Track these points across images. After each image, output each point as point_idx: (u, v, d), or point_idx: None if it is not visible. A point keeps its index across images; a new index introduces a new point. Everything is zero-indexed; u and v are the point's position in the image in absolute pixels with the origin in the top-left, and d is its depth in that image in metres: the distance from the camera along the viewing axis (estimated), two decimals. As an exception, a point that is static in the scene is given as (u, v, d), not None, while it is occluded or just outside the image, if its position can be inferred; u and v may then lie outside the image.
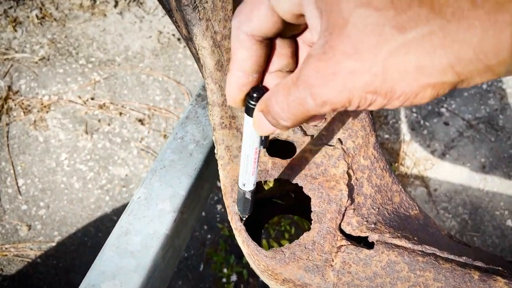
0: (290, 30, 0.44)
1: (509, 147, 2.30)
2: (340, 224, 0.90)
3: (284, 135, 0.97)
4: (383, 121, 2.34)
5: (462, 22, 0.30)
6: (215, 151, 0.98)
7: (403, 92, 0.34)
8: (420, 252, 0.86)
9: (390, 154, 2.26)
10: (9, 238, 2.08)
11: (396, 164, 2.23)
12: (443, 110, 2.39)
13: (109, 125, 2.34)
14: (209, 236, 2.09)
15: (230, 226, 2.10)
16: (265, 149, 0.96)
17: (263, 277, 0.99)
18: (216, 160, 1.20)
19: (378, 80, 0.34)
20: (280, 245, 2.05)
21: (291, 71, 0.47)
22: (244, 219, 0.90)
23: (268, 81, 0.47)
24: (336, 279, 0.86)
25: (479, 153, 2.29)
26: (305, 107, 0.38)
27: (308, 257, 0.88)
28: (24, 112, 2.35)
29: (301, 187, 0.92)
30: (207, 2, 0.97)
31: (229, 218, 0.94)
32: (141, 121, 2.36)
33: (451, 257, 0.87)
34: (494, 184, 2.21)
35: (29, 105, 2.38)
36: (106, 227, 2.12)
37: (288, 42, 0.45)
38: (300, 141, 0.95)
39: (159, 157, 1.13)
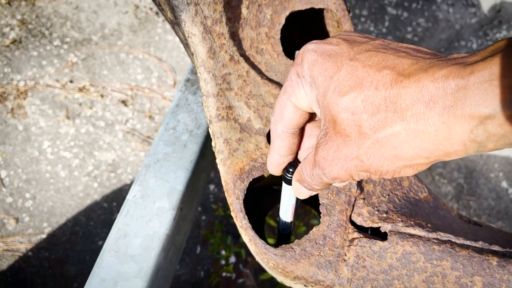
0: (315, 116, 0.57)
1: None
2: (350, 216, 0.86)
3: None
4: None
5: (419, 121, 0.38)
6: (213, 145, 0.92)
7: (387, 171, 0.44)
8: (435, 240, 0.83)
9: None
10: (-3, 233, 2.01)
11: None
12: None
13: (91, 108, 2.25)
14: (203, 217, 2.04)
15: (224, 206, 2.06)
16: (266, 141, 0.91)
17: (273, 273, 0.95)
18: (211, 147, 1.14)
19: (365, 164, 0.44)
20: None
21: None
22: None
23: (302, 156, 0.61)
24: (351, 274, 0.82)
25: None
26: (323, 180, 0.51)
27: (319, 252, 0.84)
28: (-1, 100, 2.25)
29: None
30: (194, -16, 0.89)
31: (233, 215, 0.89)
32: (124, 102, 2.27)
33: (467, 242, 0.84)
34: (487, 146, 2.19)
35: (4, 92, 2.26)
36: (97, 215, 2.06)
37: (316, 124, 0.57)
38: (303, 129, 0.90)
39: (151, 150, 1.07)
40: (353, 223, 0.85)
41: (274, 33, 0.96)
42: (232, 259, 1.91)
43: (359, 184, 0.87)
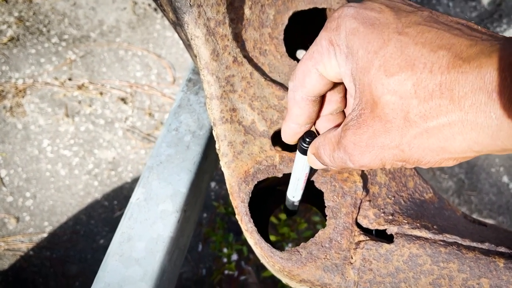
0: (341, 84, 0.51)
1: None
2: (356, 218, 0.86)
3: (289, 126, 0.90)
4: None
5: (479, 113, 0.33)
6: (217, 147, 0.92)
7: (428, 162, 0.40)
8: (441, 242, 0.83)
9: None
10: (-2, 232, 2.01)
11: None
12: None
13: (90, 106, 2.24)
14: (205, 215, 2.04)
15: (226, 204, 2.06)
16: (271, 143, 0.90)
17: (278, 276, 0.95)
18: (214, 148, 1.14)
19: (406, 154, 0.40)
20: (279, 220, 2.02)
21: (341, 112, 0.55)
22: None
23: (319, 123, 0.56)
24: (357, 278, 0.82)
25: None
26: (347, 164, 0.46)
27: (326, 256, 0.84)
28: (-2, 99, 2.23)
29: (312, 181, 0.87)
30: (197, -14, 0.88)
31: (238, 219, 0.89)
32: (123, 100, 2.26)
33: (474, 244, 0.84)
34: (488, 141, 2.19)
35: (2, 91, 2.25)
36: (98, 213, 2.06)
37: (337, 90, 0.52)
38: (308, 131, 0.89)
39: (154, 152, 1.07)
40: (359, 225, 0.85)
41: (277, 34, 0.95)
42: (234, 256, 1.91)
43: (365, 186, 0.87)
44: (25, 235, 2.00)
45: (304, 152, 0.60)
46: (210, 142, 1.10)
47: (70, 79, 2.29)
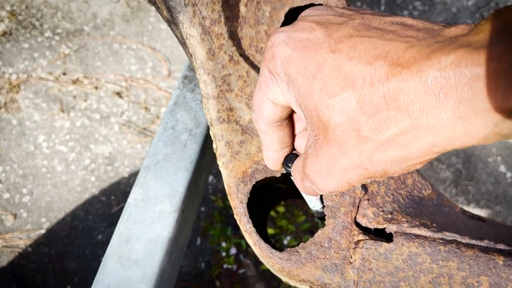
0: None
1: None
2: (355, 217, 0.85)
3: (287, 125, 0.89)
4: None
5: (430, 117, 0.33)
6: (214, 147, 0.91)
7: (395, 171, 0.40)
8: (441, 241, 0.82)
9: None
10: (-5, 229, 2.00)
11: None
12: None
13: (85, 101, 2.22)
14: (203, 209, 2.04)
15: (223, 197, 2.06)
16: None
17: (278, 275, 0.95)
18: (212, 146, 1.13)
19: (370, 171, 0.39)
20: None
21: None
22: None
23: (297, 142, 0.55)
24: (357, 277, 0.82)
25: (468, 99, 2.25)
26: (317, 192, 0.45)
27: (325, 256, 0.83)
28: (-8, 95, 2.21)
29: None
30: (191, -16, 0.86)
31: (237, 219, 0.88)
32: (119, 94, 2.24)
33: (473, 242, 0.84)
34: (485, 130, 2.18)
35: (-4, 86, 2.23)
36: (95, 209, 2.05)
37: None
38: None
39: (150, 151, 1.06)
40: (358, 224, 0.85)
41: (273, 31, 0.94)
42: (233, 250, 1.91)
43: (363, 185, 0.86)
44: (22, 231, 1.99)
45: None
46: (207, 139, 1.09)
47: (64, 74, 2.27)
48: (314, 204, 0.81)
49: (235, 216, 0.86)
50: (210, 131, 0.91)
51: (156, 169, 1.01)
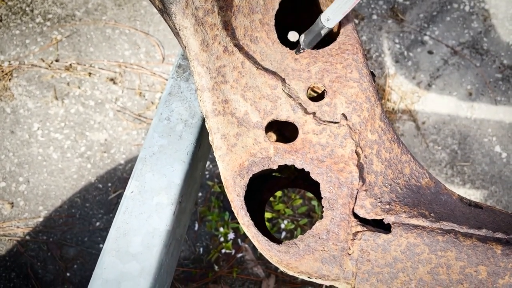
0: None
1: (494, 71, 2.25)
2: (353, 209, 0.85)
3: (284, 116, 0.89)
4: (366, 56, 2.25)
5: None
6: (210, 139, 0.90)
7: None
8: (439, 231, 0.82)
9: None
10: (-7, 218, 2.00)
11: (383, 100, 2.18)
12: (426, 38, 2.31)
13: (79, 88, 2.20)
14: (200, 194, 2.04)
15: (220, 183, 2.05)
16: (265, 135, 0.89)
17: (277, 266, 0.95)
18: (207, 135, 1.12)
19: None
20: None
21: None
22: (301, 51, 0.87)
23: None
24: (355, 268, 0.82)
25: (465, 80, 2.25)
26: None
27: (323, 247, 0.84)
28: (-16, 83, 2.19)
29: (308, 172, 0.86)
30: (183, -26, 0.84)
31: (235, 212, 0.88)
32: (112, 80, 2.22)
33: (471, 231, 0.84)
34: (481, 111, 2.19)
35: (-12, 74, 2.20)
36: (92, 196, 2.05)
37: None
38: (302, 121, 0.88)
39: (146, 143, 1.05)
40: (356, 215, 0.85)
41: (268, 20, 0.92)
42: (231, 235, 1.92)
43: (361, 175, 0.86)
44: (20, 220, 1.99)
45: None
46: (203, 130, 1.08)
47: (57, 60, 2.24)
48: (336, 16, 0.78)
49: (232, 208, 0.86)
50: (205, 123, 0.90)
51: (152, 161, 1.00)
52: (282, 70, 0.93)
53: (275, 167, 0.87)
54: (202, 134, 1.09)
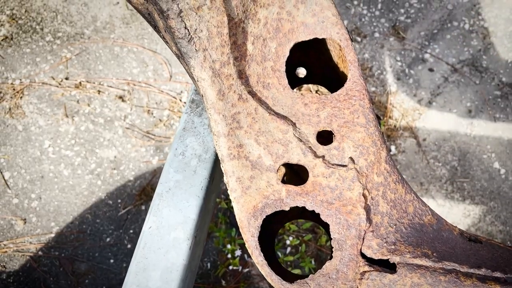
0: None
1: (493, 89, 2.31)
2: (361, 249, 0.91)
3: (295, 159, 0.94)
4: (368, 74, 2.31)
5: None
6: (225, 180, 0.96)
7: None
8: (441, 271, 0.88)
9: (378, 107, 2.26)
10: (6, 234, 2.05)
11: (385, 118, 2.23)
12: (427, 56, 2.36)
13: (89, 105, 2.26)
14: (207, 211, 2.10)
15: (227, 199, 2.11)
16: (277, 178, 0.94)
17: (287, 301, 1.00)
18: (220, 168, 1.18)
19: None
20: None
21: None
22: None
23: None
24: (363, 307, 0.88)
25: (464, 97, 2.30)
26: None
27: (333, 287, 0.89)
28: (-4, 100, 2.24)
29: (318, 214, 0.92)
30: (202, 31, 0.90)
31: (249, 251, 0.93)
32: (121, 98, 2.27)
33: (471, 271, 0.89)
34: (480, 128, 2.25)
35: (0, 92, 2.26)
36: (103, 212, 2.11)
37: None
38: (312, 164, 0.93)
39: (162, 178, 1.10)
40: (363, 255, 0.90)
41: (279, 66, 0.98)
42: (238, 252, 1.98)
43: (368, 217, 0.91)
44: (33, 236, 2.05)
45: None
46: (216, 164, 1.13)
47: (67, 78, 2.29)
48: None
49: (247, 247, 0.92)
50: (221, 166, 0.95)
51: (169, 196, 1.06)
52: (293, 115, 0.98)
53: (287, 208, 0.92)
54: (215, 169, 1.14)
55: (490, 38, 2.39)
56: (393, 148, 2.20)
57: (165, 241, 1.03)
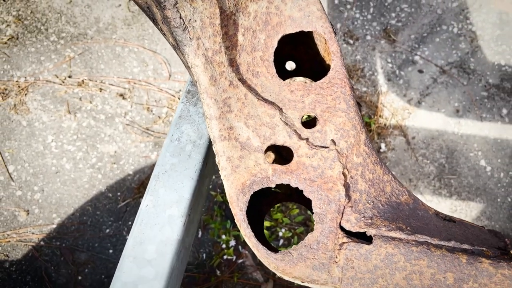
0: None
1: (480, 90, 2.39)
2: (340, 222, 0.99)
3: (281, 141, 1.02)
4: (360, 74, 2.39)
5: None
6: (216, 161, 1.03)
7: None
8: (414, 242, 0.96)
9: (369, 107, 2.34)
10: (9, 225, 2.13)
11: (375, 116, 2.32)
12: (417, 58, 2.45)
13: (91, 102, 2.34)
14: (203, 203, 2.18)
15: (223, 193, 2.19)
16: (264, 157, 1.02)
17: (274, 272, 1.08)
18: (213, 154, 1.26)
19: None
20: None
21: None
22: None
23: None
24: (341, 274, 0.96)
25: (452, 98, 2.39)
26: None
27: (314, 256, 0.97)
28: (2, 97, 2.33)
29: (301, 190, 0.99)
30: (195, 21, 0.98)
31: (238, 225, 1.01)
32: (122, 95, 2.36)
33: (441, 243, 0.97)
34: (467, 127, 2.33)
35: (5, 89, 2.34)
36: (103, 204, 2.19)
37: None
38: (296, 146, 1.01)
39: (159, 161, 1.18)
40: (342, 228, 0.98)
41: (268, 56, 1.06)
42: (232, 242, 2.05)
43: (347, 193, 0.99)
44: (35, 226, 2.12)
45: None
46: (209, 150, 1.20)
47: (70, 77, 2.38)
48: None
49: (236, 221, 1.00)
50: (213, 147, 1.03)
51: (165, 178, 1.14)
52: (279, 101, 1.06)
53: (273, 185, 1.00)
54: (209, 153, 1.21)
55: (478, 42, 2.48)
56: (383, 145, 2.28)
57: (160, 218, 1.10)
